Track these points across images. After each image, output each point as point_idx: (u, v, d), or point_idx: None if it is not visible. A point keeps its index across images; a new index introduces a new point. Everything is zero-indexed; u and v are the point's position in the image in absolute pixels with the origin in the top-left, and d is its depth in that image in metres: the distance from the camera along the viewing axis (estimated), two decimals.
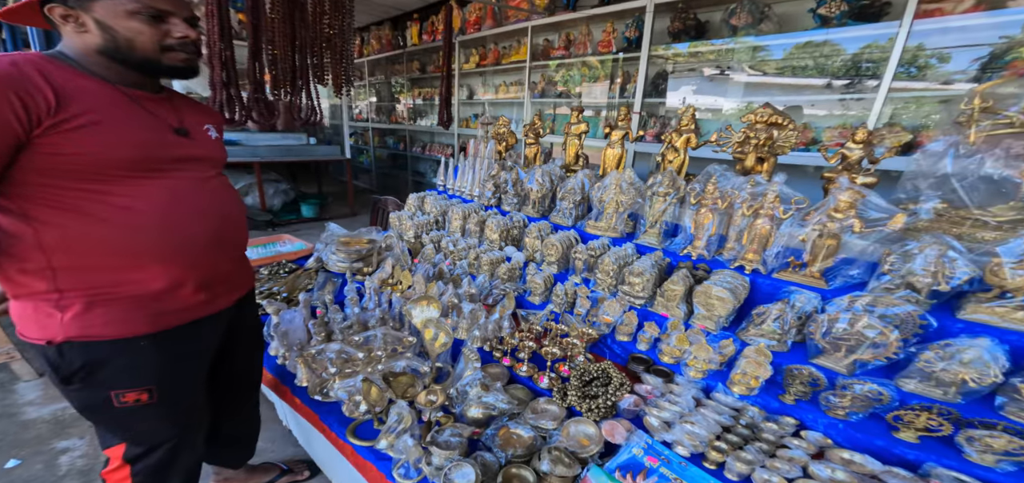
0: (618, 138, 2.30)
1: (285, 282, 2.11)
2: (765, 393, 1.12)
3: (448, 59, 3.67)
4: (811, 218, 1.26)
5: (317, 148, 6.77)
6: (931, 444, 0.93)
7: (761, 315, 1.24)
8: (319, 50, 2.23)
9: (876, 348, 1.02)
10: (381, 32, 8.24)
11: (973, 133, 1.19)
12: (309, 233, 5.92)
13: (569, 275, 1.93)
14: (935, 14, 2.26)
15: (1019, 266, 0.94)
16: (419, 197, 2.94)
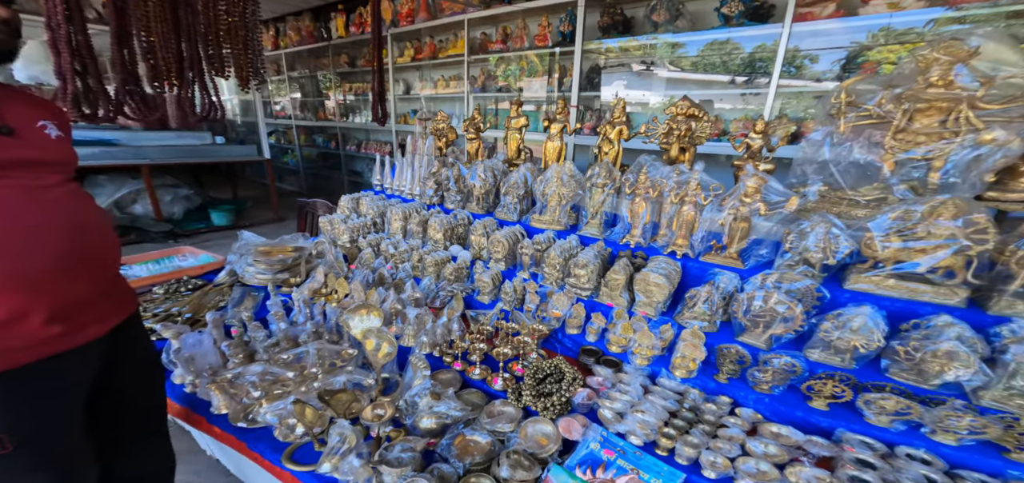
0: (557, 131, 2.32)
1: (188, 301, 1.82)
2: (702, 374, 1.19)
3: (378, 52, 3.43)
4: (726, 203, 1.36)
5: (226, 148, 6.01)
6: (838, 410, 1.04)
7: (693, 298, 1.32)
8: (216, 39, 1.93)
9: (786, 322, 1.13)
10: (301, 23, 7.53)
11: (842, 124, 1.37)
12: (222, 244, 5.24)
13: (517, 271, 1.90)
14: (808, 17, 2.58)
15: (886, 239, 1.10)
16: (353, 198, 2.73)
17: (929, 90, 1.20)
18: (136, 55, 1.79)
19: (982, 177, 1.20)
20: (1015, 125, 1.10)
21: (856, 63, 2.79)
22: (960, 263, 1.02)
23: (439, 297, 1.85)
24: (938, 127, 1.19)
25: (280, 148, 9.49)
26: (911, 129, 1.22)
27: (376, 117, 3.99)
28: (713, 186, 1.41)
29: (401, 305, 1.65)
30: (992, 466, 0.88)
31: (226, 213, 5.80)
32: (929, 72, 1.19)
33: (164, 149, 5.24)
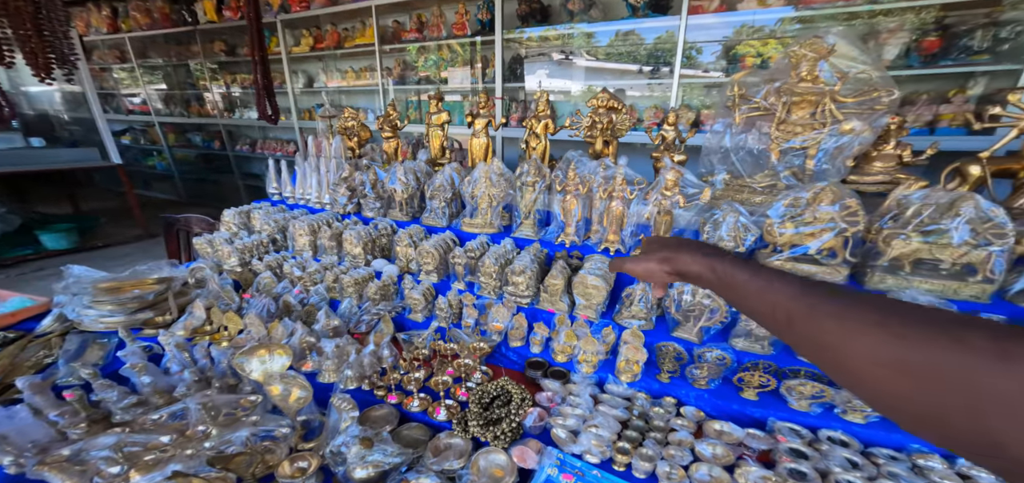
0: (482, 127, 2.20)
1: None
2: (646, 375, 1.20)
3: (260, 40, 2.92)
4: (650, 197, 1.40)
5: (49, 153, 4.68)
6: (767, 399, 1.10)
7: (629, 296, 1.33)
8: None
9: (713, 314, 1.19)
10: (149, 4, 6.17)
11: (737, 115, 1.50)
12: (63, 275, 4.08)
13: (452, 282, 1.75)
14: (699, 10, 2.86)
15: (782, 225, 1.22)
16: (241, 212, 2.28)
17: (800, 84, 1.35)
18: None
19: (845, 163, 1.39)
20: (866, 116, 1.29)
21: (733, 56, 3.18)
22: (839, 244, 1.17)
23: (363, 321, 1.62)
24: (810, 119, 1.35)
25: (140, 150, 7.78)
26: (790, 120, 1.37)
27: (264, 115, 3.43)
28: (637, 180, 1.42)
29: (315, 338, 1.39)
30: (897, 441, 0.98)
31: (64, 234, 4.55)
32: (799, 67, 1.34)
33: None
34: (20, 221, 4.55)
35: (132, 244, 5.05)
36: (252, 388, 1.29)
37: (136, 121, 7.62)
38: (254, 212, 2.23)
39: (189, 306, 1.57)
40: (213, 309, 1.57)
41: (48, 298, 1.69)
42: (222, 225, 2.21)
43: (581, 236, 1.67)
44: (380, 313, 1.62)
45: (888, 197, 1.18)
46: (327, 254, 2.02)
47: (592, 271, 1.35)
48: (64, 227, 4.52)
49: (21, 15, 1.48)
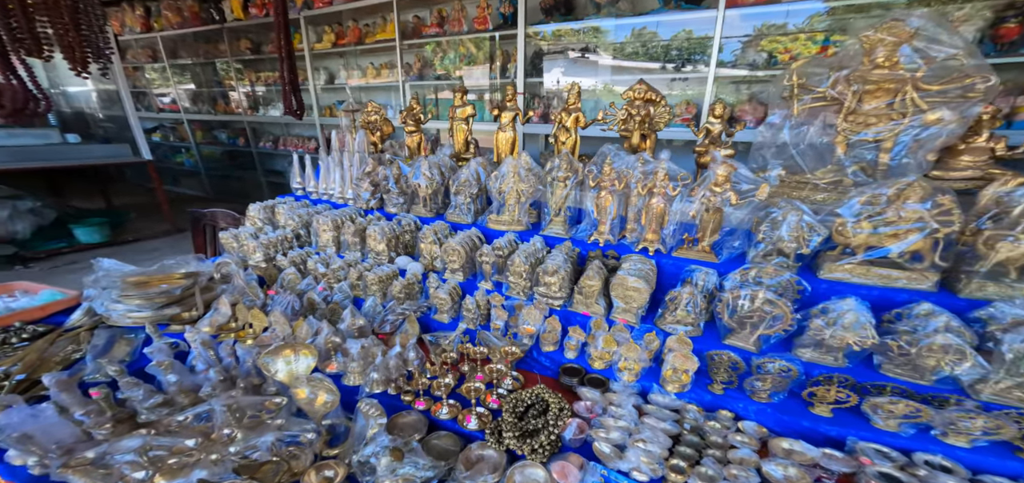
0: (508, 121, 2.12)
1: (19, 357, 1.31)
2: (696, 386, 1.10)
3: (286, 36, 2.93)
4: (696, 194, 1.29)
5: (84, 149, 4.83)
6: (843, 416, 0.99)
7: (673, 301, 1.23)
8: (22, 9, 1.44)
9: (775, 321, 1.08)
10: (180, 3, 6.33)
11: (796, 107, 1.37)
12: None
13: (478, 281, 1.69)
14: (737, 3, 2.69)
15: (857, 225, 1.09)
16: (265, 207, 2.27)
17: (875, 71, 1.21)
18: None
19: (926, 157, 1.25)
20: (956, 105, 1.15)
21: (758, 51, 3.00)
22: (928, 246, 1.04)
23: (388, 321, 1.57)
24: (886, 109, 1.22)
25: (170, 147, 8.03)
26: (861, 111, 1.24)
27: (289, 110, 3.45)
28: (681, 176, 1.32)
29: (340, 338, 1.35)
30: (1010, 468, 0.86)
31: (97, 228, 4.70)
32: (874, 53, 1.20)
33: None
34: (55, 215, 4.73)
35: (160, 238, 5.20)
36: (276, 389, 1.26)
37: (166, 119, 7.87)
38: (278, 207, 2.22)
39: (215, 302, 1.56)
40: (238, 305, 1.55)
41: (78, 291, 1.71)
42: (247, 220, 2.20)
43: (615, 234, 1.58)
44: (405, 313, 1.57)
45: (981, 195, 1.04)
46: (350, 250, 1.98)
47: (632, 272, 1.25)
48: (96, 221, 4.68)
49: (59, 9, 1.48)
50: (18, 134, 4.15)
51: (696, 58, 3.37)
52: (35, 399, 1.14)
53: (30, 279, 4.03)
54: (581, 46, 3.87)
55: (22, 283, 1.77)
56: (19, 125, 4.08)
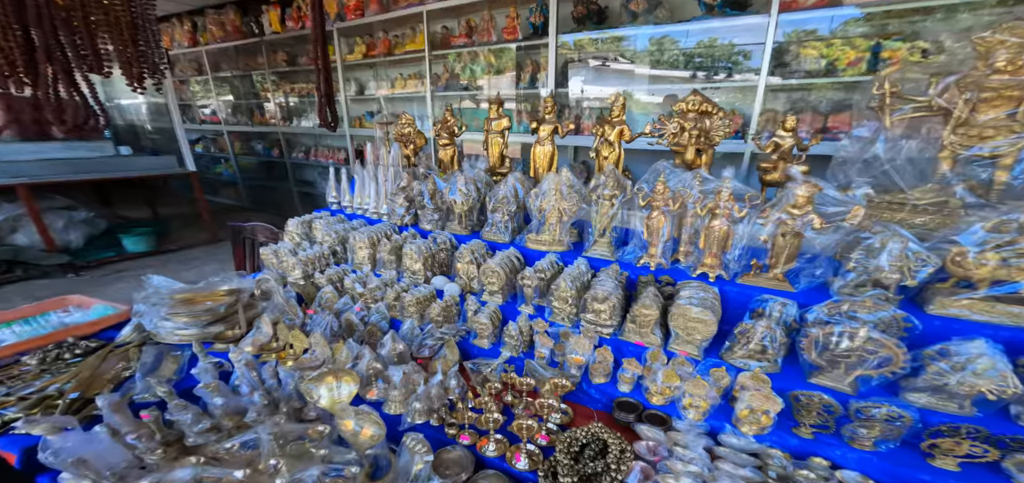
0: (547, 134, 2.08)
1: (75, 373, 1.36)
2: (777, 428, 1.00)
3: (323, 48, 3.02)
4: (768, 215, 1.19)
5: (134, 161, 5.16)
6: (975, 473, 0.87)
7: (745, 334, 1.13)
8: (86, 27, 1.52)
9: (883, 363, 0.96)
10: (224, 17, 6.71)
11: (889, 118, 1.25)
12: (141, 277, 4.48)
13: (518, 305, 1.64)
14: (793, 7, 2.54)
15: (983, 255, 0.96)
16: (303, 222, 2.32)
17: (993, 78, 1.08)
18: None
19: None
20: None
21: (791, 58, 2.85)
22: None
23: (426, 345, 1.54)
24: (1006, 120, 1.08)
25: (211, 158, 8.50)
26: (975, 122, 1.11)
27: (325, 122, 3.55)
28: (749, 195, 1.22)
29: (381, 364, 1.33)
30: None
31: (143, 237, 5.00)
32: (993, 57, 1.07)
33: (46, 164, 4.34)
34: (105, 225, 5.08)
35: (200, 248, 5.48)
36: (317, 414, 1.25)
37: (207, 130, 8.34)
38: (316, 222, 2.26)
39: (257, 321, 1.58)
40: (279, 325, 1.57)
41: (128, 306, 1.78)
42: (286, 235, 2.26)
43: (667, 257, 1.49)
44: (444, 338, 1.54)
45: None
46: (386, 268, 1.99)
47: (695, 301, 1.17)
48: (143, 231, 4.98)
49: (120, 26, 1.56)
50: (75, 147, 4.49)
51: (722, 65, 3.25)
52: (88, 419, 1.18)
53: (81, 287, 4.33)
54: (614, 55, 3.80)
55: (75, 297, 1.87)
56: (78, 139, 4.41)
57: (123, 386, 1.36)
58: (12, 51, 1.39)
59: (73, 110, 1.61)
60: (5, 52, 1.40)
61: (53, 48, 1.48)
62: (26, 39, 1.45)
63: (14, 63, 1.41)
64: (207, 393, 1.23)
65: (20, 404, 1.17)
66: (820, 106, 2.87)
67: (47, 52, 1.47)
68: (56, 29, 1.48)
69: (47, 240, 4.34)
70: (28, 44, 1.46)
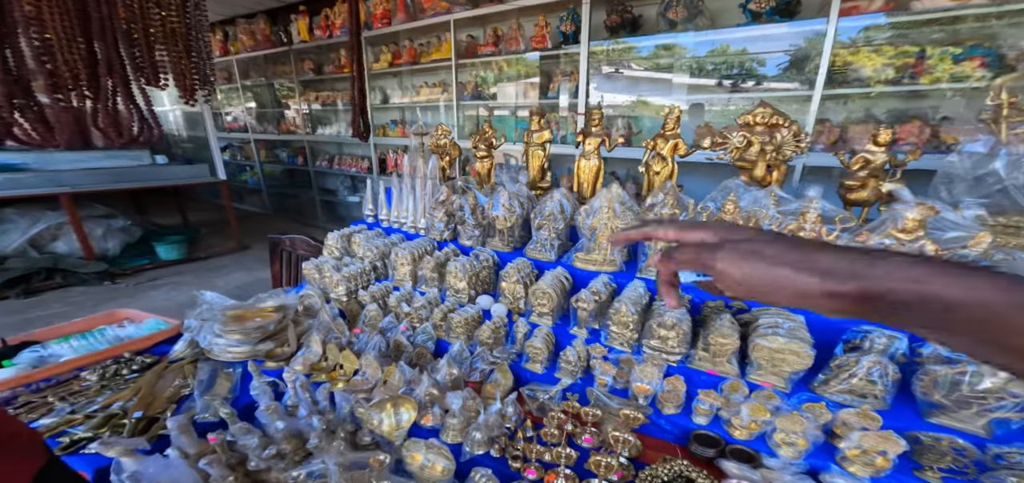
0: (594, 148, 2.04)
1: (135, 390, 1.38)
2: (897, 472, 0.92)
3: (359, 57, 3.06)
4: (865, 239, 1.12)
5: (170, 169, 5.36)
6: None
7: (843, 367, 1.06)
8: (145, 39, 1.56)
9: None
10: (254, 27, 6.94)
11: (1004, 131, 1.16)
12: (173, 284, 4.62)
13: (570, 327, 1.60)
14: (854, 11, 2.45)
15: None
16: (343, 235, 2.33)
17: None
18: (23, 57, 1.37)
19: None
20: None
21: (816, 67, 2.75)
22: None
23: (477, 369, 1.51)
24: None
25: (237, 165, 8.76)
26: None
27: (357, 132, 3.60)
28: (841, 217, 1.15)
29: (438, 390, 1.30)
30: None
31: (175, 245, 5.15)
32: None
33: (88, 174, 4.54)
34: (141, 233, 5.26)
35: (228, 255, 5.62)
36: (373, 440, 1.24)
37: (235, 138, 8.61)
38: (354, 236, 2.27)
39: (306, 339, 1.58)
40: (329, 344, 1.57)
41: (179, 321, 1.81)
42: (325, 249, 2.27)
43: None
44: (496, 361, 1.51)
45: None
46: (428, 285, 1.97)
47: (784, 332, 1.10)
48: (175, 239, 5.15)
49: (176, 38, 1.61)
50: (115, 156, 4.68)
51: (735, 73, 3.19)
52: (154, 438, 1.19)
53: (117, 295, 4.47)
54: (661, 62, 3.75)
55: (126, 311, 1.91)
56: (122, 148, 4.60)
57: (182, 404, 1.37)
58: (76, 64, 1.43)
59: (129, 122, 1.65)
60: (70, 65, 1.44)
61: (114, 61, 1.53)
62: (89, 52, 1.49)
63: (78, 76, 1.45)
64: (268, 416, 1.23)
65: (88, 423, 1.18)
66: (881, 117, 2.75)
67: (108, 65, 1.51)
68: (117, 41, 1.52)
69: (86, 248, 4.51)
70: (91, 57, 1.50)
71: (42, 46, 1.41)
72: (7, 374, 1.38)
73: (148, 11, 1.59)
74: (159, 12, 1.64)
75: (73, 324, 1.76)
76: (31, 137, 1.47)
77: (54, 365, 1.47)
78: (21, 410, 1.24)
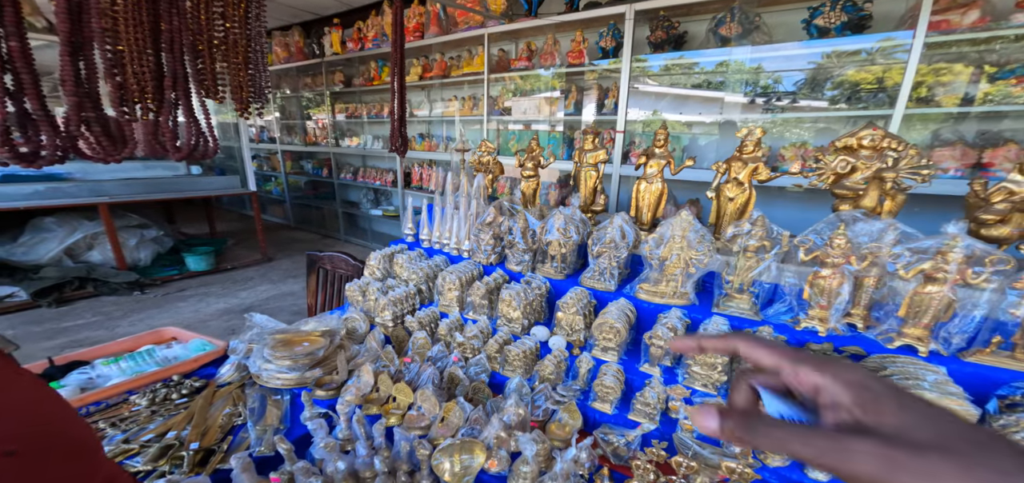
0: (657, 170, 1.98)
1: (189, 418, 1.36)
2: None
3: (401, 69, 3.11)
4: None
5: (204, 180, 5.56)
6: None
7: (1007, 429, 0.94)
8: (208, 50, 1.60)
9: None
10: (289, 39, 7.25)
11: None
12: (202, 294, 4.74)
13: (639, 364, 1.52)
14: (944, 26, 2.33)
15: None
16: (385, 255, 2.32)
17: None
18: (96, 70, 1.41)
19: None
20: None
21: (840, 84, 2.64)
22: None
23: (540, 407, 1.44)
24: None
25: (263, 175, 9.06)
26: None
27: (395, 146, 3.64)
28: (992, 258, 1.04)
29: (507, 433, 1.24)
30: None
31: (204, 256, 5.30)
32: None
33: (127, 184, 4.75)
34: (171, 243, 5.45)
35: (253, 267, 5.75)
36: None
37: (263, 148, 8.93)
38: (397, 257, 2.25)
39: (358, 369, 1.55)
40: (380, 375, 1.53)
41: (225, 343, 1.81)
42: (367, 269, 2.26)
43: (838, 321, 1.32)
44: (563, 400, 1.43)
45: None
46: (476, 312, 1.92)
47: (929, 385, 0.99)
48: (204, 250, 5.30)
49: (237, 49, 1.64)
50: (152, 166, 4.90)
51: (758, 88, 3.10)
52: (213, 471, 1.17)
53: (146, 305, 4.60)
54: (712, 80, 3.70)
55: (172, 329, 1.93)
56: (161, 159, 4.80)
57: (235, 433, 1.36)
58: (144, 76, 1.47)
59: (189, 135, 1.69)
60: (139, 77, 1.48)
61: (179, 73, 1.57)
62: (156, 64, 1.53)
63: (145, 88, 1.49)
64: (327, 454, 1.19)
65: (144, 453, 1.17)
66: (967, 138, 2.60)
67: (173, 76, 1.55)
68: (183, 53, 1.56)
69: (119, 258, 4.69)
70: (157, 69, 1.54)
71: (114, 58, 1.45)
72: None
73: (213, 22, 1.64)
74: (223, 23, 1.68)
75: (120, 343, 1.79)
76: (95, 151, 1.51)
77: (104, 389, 1.48)
78: None
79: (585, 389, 1.51)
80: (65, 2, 1.29)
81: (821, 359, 0.39)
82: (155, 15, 1.47)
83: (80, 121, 1.46)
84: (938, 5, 2.28)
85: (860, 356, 1.21)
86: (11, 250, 4.51)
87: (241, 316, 4.58)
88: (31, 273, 4.46)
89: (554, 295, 1.94)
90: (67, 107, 1.40)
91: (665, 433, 1.29)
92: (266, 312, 4.79)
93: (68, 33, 1.31)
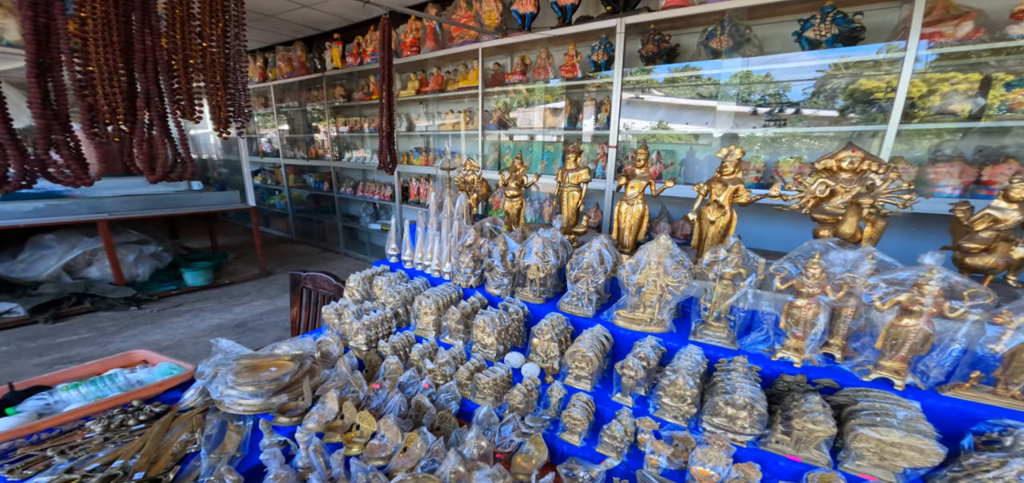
0: (637, 191, 1.95)
1: (139, 446, 1.35)
2: None
3: (389, 84, 3.15)
4: (1009, 320, 0.96)
5: (204, 196, 5.65)
6: None
7: (980, 468, 0.89)
8: (183, 70, 1.62)
9: None
10: (291, 54, 7.42)
11: None
12: (196, 312, 4.79)
13: (611, 394, 1.48)
14: (937, 37, 2.29)
15: None
16: (365, 277, 2.32)
17: None
18: (64, 90, 1.43)
19: None
20: None
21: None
22: None
23: (507, 437, 1.41)
24: None
25: (266, 189, 9.20)
26: None
27: (383, 163, 3.67)
28: (970, 291, 1.00)
29: (465, 467, 1.20)
30: None
31: (202, 272, 5.36)
32: None
33: (127, 200, 4.84)
34: (170, 259, 5.53)
35: (251, 282, 5.80)
36: None
37: (266, 162, 9.08)
38: (377, 279, 2.25)
39: (323, 395, 1.53)
40: (346, 402, 1.51)
41: (193, 366, 1.79)
42: (346, 291, 2.26)
43: (814, 352, 1.27)
44: (530, 432, 1.40)
45: None
46: (452, 337, 1.90)
47: (896, 422, 0.95)
48: (202, 265, 5.37)
49: (214, 68, 1.66)
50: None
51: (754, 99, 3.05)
52: None
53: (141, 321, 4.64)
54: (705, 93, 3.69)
55: (141, 353, 1.93)
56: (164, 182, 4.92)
57: (187, 462, 1.34)
58: (116, 97, 1.49)
59: (163, 156, 1.71)
60: (109, 98, 1.49)
61: (152, 92, 1.58)
62: (129, 84, 1.55)
63: (116, 109, 1.50)
64: None
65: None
66: (965, 154, 2.53)
67: (147, 97, 1.57)
68: (157, 73, 1.58)
69: (117, 274, 4.76)
70: (130, 89, 1.56)
71: (84, 78, 1.47)
72: (10, 423, 1.38)
73: (190, 41, 1.66)
74: (201, 42, 1.70)
75: (86, 366, 1.79)
76: (64, 174, 1.53)
77: (59, 415, 1.47)
78: (17, 465, 1.23)
79: (555, 418, 1.48)
80: (31, 23, 1.31)
81: None
82: (127, 35, 1.50)
83: (48, 144, 1.48)
84: (931, 17, 2.24)
85: (833, 389, 1.16)
86: (11, 267, 4.62)
87: (233, 332, 4.61)
88: (30, 289, 4.55)
89: (532, 319, 1.91)
90: (35, 130, 1.42)
91: (631, 467, 1.25)
92: (260, 328, 4.79)
93: (34, 54, 1.33)
